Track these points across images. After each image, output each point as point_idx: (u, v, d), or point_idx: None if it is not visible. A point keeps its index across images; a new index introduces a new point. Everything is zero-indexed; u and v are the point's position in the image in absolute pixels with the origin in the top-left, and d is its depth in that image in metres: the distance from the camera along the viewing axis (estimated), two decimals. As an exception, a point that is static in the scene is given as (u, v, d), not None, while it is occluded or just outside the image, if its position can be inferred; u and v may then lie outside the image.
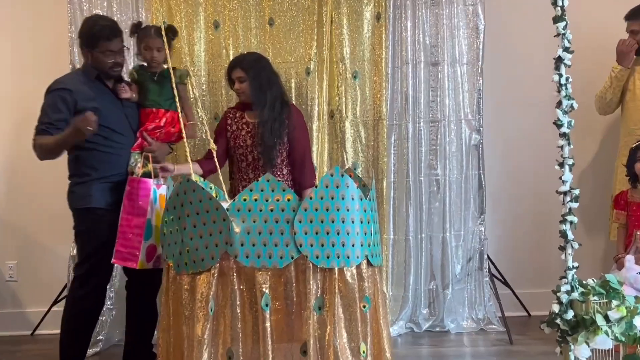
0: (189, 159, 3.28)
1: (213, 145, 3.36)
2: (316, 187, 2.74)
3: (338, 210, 2.68)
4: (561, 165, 2.79)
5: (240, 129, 3.61)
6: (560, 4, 2.78)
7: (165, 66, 3.34)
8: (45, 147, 3.11)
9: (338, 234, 2.67)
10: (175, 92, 3.21)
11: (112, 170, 3.21)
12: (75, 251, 3.89)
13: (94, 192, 3.14)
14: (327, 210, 2.67)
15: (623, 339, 2.56)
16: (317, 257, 2.65)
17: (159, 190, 3.18)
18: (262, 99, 3.50)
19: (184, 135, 3.23)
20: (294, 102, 4.00)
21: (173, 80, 3.26)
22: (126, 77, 3.52)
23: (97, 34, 3.17)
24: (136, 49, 3.47)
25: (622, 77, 3.91)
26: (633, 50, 3.80)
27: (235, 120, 3.65)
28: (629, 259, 3.45)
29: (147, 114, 3.34)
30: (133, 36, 3.44)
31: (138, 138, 3.29)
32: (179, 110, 3.28)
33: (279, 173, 3.52)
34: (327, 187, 2.69)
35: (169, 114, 3.35)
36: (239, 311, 2.69)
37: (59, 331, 4.00)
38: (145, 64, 3.43)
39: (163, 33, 3.24)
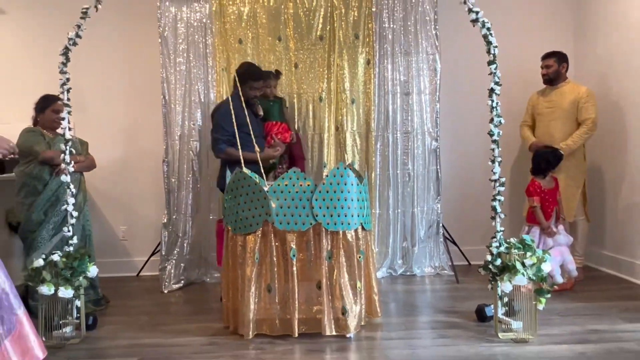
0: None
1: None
2: (327, 176, 2.75)
3: (342, 192, 2.70)
4: (493, 161, 2.80)
5: None
6: (492, 52, 2.79)
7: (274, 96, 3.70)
8: (235, 157, 3.14)
9: (342, 208, 2.69)
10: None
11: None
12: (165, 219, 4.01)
13: None
14: (334, 192, 2.70)
15: (534, 278, 2.58)
16: (328, 224, 2.68)
17: None
18: None
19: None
20: (311, 121, 4.09)
21: (283, 104, 3.75)
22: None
23: (249, 75, 3.29)
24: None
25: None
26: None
27: None
28: (561, 229, 3.45)
29: (271, 125, 3.54)
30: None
31: (269, 141, 3.52)
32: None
33: None
34: (334, 176, 2.72)
35: (283, 124, 3.56)
36: (275, 259, 2.72)
37: (155, 273, 4.08)
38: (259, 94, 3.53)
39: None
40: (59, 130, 3.15)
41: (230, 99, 3.38)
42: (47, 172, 3.26)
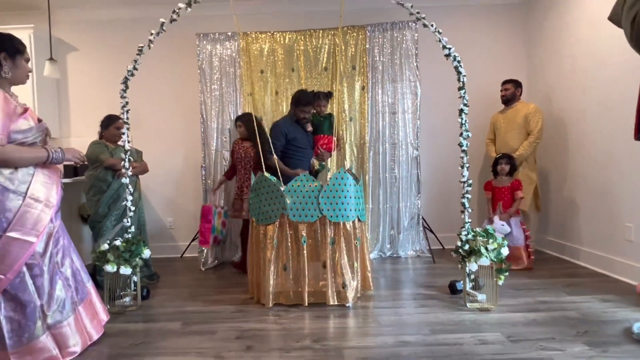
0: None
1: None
2: (330, 179, 2.75)
3: (342, 191, 2.70)
4: (462, 167, 2.79)
5: (240, 149, 3.64)
6: (462, 80, 2.78)
7: (326, 113, 3.51)
8: (278, 166, 3.08)
9: (342, 204, 2.69)
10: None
11: (302, 167, 3.26)
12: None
13: None
14: (336, 191, 2.70)
15: (495, 260, 2.57)
16: (331, 216, 2.68)
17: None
18: (251, 137, 3.49)
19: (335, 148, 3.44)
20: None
21: (334, 121, 3.49)
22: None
23: (299, 101, 3.18)
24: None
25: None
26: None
27: (238, 146, 3.68)
28: (496, 219, 3.45)
29: (319, 137, 3.38)
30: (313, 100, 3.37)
31: (316, 151, 3.39)
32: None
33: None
34: (336, 179, 2.71)
35: (329, 137, 3.41)
36: (289, 244, 2.73)
37: (195, 255, 4.09)
38: (315, 111, 3.44)
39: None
40: (120, 143, 3.16)
41: (284, 118, 3.32)
42: (111, 175, 3.28)
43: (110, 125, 3.37)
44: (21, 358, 1.89)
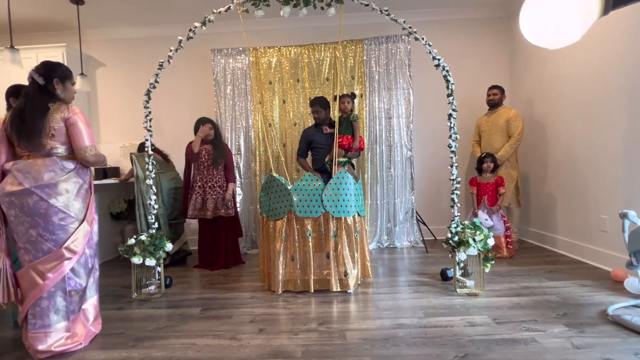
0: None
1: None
2: (332, 177, 2.72)
3: (343, 189, 2.68)
4: (451, 166, 2.76)
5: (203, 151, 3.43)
6: (450, 87, 2.75)
7: (350, 114, 3.34)
8: (303, 165, 3.38)
9: (343, 200, 2.67)
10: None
11: (319, 164, 3.33)
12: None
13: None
14: (338, 189, 2.68)
15: (482, 249, 2.54)
16: (334, 211, 2.66)
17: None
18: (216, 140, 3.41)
19: (352, 147, 3.29)
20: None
21: (358, 120, 3.31)
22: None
23: (310, 104, 3.32)
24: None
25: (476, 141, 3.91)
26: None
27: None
28: (480, 213, 3.41)
29: (340, 137, 3.25)
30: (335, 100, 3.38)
31: (333, 147, 3.25)
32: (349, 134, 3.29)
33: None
34: (337, 178, 2.69)
35: (347, 136, 3.28)
36: (296, 237, 2.71)
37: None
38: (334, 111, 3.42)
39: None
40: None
41: (308, 127, 3.46)
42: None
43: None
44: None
